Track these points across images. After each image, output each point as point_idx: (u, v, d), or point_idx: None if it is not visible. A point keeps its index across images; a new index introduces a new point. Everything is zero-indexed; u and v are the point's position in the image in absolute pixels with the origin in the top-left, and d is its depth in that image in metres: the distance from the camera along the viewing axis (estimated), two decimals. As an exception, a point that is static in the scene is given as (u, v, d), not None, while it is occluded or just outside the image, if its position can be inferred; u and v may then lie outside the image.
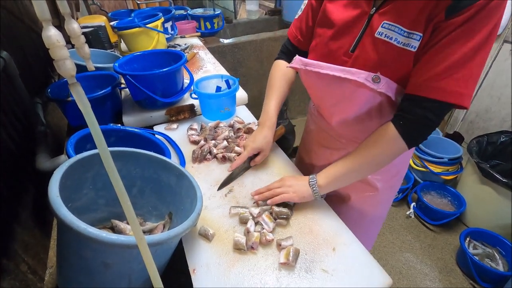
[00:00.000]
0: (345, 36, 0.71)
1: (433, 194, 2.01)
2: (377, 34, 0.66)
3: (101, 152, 0.28)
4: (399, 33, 0.63)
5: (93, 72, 1.19)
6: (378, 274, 0.64)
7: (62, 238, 0.55)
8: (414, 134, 0.65)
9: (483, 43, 0.55)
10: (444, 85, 0.58)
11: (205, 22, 2.35)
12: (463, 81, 0.58)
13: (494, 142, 1.81)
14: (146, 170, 0.72)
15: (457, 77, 0.57)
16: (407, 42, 0.62)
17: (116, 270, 0.54)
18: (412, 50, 0.62)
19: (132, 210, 0.31)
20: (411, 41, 0.62)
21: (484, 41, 0.55)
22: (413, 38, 0.61)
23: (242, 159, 0.87)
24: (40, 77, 1.36)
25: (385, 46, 0.65)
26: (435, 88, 0.59)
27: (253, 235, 0.68)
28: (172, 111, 1.16)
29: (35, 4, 0.23)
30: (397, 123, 0.65)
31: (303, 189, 0.76)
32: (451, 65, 0.57)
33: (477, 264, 1.53)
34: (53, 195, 0.48)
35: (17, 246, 0.70)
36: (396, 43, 0.63)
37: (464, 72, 0.57)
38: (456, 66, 0.57)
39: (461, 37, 0.56)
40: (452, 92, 0.58)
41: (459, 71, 0.57)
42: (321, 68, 0.72)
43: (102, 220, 0.70)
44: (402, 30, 0.62)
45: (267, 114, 0.89)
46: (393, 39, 0.64)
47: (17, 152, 0.86)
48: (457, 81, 0.58)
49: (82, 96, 0.26)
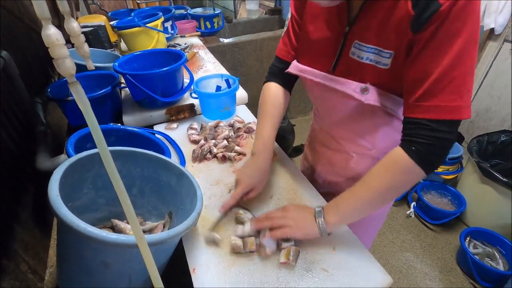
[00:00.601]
0: (325, 56, 0.72)
1: (433, 194, 2.01)
2: (350, 54, 0.66)
3: (101, 151, 0.28)
4: (369, 51, 0.63)
5: (93, 71, 1.19)
6: (378, 273, 0.64)
7: (62, 238, 0.55)
8: (432, 158, 0.57)
9: (463, 48, 0.52)
10: (438, 102, 0.54)
11: (205, 21, 2.35)
12: (455, 93, 0.54)
13: (494, 142, 1.81)
14: (146, 169, 0.72)
15: (448, 90, 0.53)
16: (378, 60, 0.62)
17: (116, 269, 0.54)
18: (384, 67, 0.61)
19: (132, 210, 0.31)
20: (382, 59, 0.61)
21: (464, 46, 0.51)
22: (382, 56, 0.61)
23: (235, 199, 0.75)
24: (40, 77, 1.36)
25: (359, 66, 0.65)
26: (429, 107, 0.55)
27: (248, 242, 0.67)
28: (172, 110, 1.16)
29: (35, 3, 0.23)
30: (409, 149, 0.58)
31: (308, 225, 0.67)
32: (437, 79, 0.54)
33: (477, 263, 1.53)
34: (53, 195, 0.48)
35: (17, 246, 0.70)
36: (368, 61, 0.63)
37: (453, 83, 0.53)
38: (441, 80, 0.53)
39: (437, 48, 0.53)
40: (447, 107, 0.54)
41: (447, 84, 0.53)
42: (314, 76, 0.73)
43: (102, 220, 0.70)
44: (370, 49, 0.62)
45: (263, 142, 0.81)
46: (364, 58, 0.64)
47: (17, 152, 0.86)
48: (450, 94, 0.54)
49: (82, 95, 0.26)
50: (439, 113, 0.55)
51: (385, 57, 0.61)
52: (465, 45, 0.51)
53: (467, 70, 0.53)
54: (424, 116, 0.56)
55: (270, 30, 2.71)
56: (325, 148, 0.94)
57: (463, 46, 0.51)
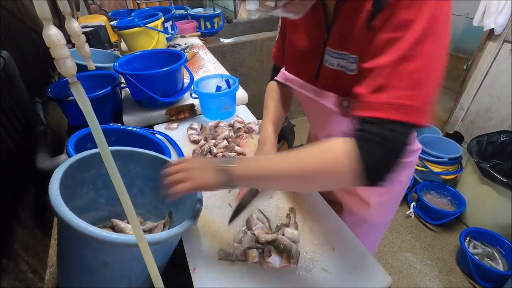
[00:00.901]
0: (308, 65, 0.71)
1: (433, 194, 2.01)
2: (325, 62, 0.65)
3: (102, 151, 0.28)
4: (336, 57, 0.62)
5: (93, 71, 1.19)
6: (378, 273, 0.64)
7: (63, 237, 0.56)
8: (372, 158, 0.47)
9: (418, 40, 0.45)
10: (386, 98, 0.46)
11: (205, 21, 2.35)
12: (407, 90, 0.46)
13: (494, 142, 1.81)
14: (146, 169, 0.73)
15: (398, 86, 0.46)
16: (346, 66, 0.60)
17: (116, 269, 0.54)
18: (351, 73, 0.59)
19: (132, 209, 0.31)
20: (348, 64, 0.59)
21: (419, 38, 0.45)
22: (349, 61, 0.59)
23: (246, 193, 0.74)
24: (40, 76, 1.36)
25: (333, 73, 0.64)
26: (375, 104, 0.48)
27: (250, 254, 0.65)
28: (172, 110, 1.16)
29: (36, 3, 0.23)
30: (350, 142, 0.49)
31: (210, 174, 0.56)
32: (385, 72, 0.47)
33: (477, 263, 1.53)
34: (53, 194, 0.48)
35: (17, 245, 0.70)
36: (339, 68, 0.62)
37: (406, 79, 0.46)
38: (391, 74, 0.46)
39: (387, 39, 0.47)
40: (394, 105, 0.46)
41: (397, 79, 0.46)
42: (298, 86, 0.73)
43: (103, 219, 0.70)
44: (337, 54, 0.61)
45: (266, 132, 0.84)
46: (335, 65, 0.63)
47: (17, 151, 0.86)
48: (399, 90, 0.46)
49: (82, 95, 0.26)
50: (384, 111, 0.47)
51: (351, 62, 0.59)
52: (420, 37, 0.45)
53: (424, 65, 0.46)
54: (368, 114, 0.48)
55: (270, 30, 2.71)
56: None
57: (417, 38, 0.45)
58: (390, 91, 0.46)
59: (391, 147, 0.47)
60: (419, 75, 0.46)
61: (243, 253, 0.66)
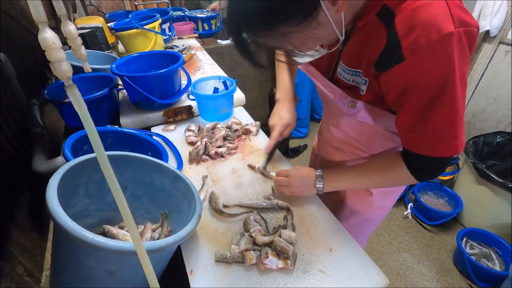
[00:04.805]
0: (325, 67, 0.74)
1: (430, 195, 2.02)
2: (337, 74, 0.70)
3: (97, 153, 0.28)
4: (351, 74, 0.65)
5: (90, 73, 1.19)
6: (375, 274, 0.64)
7: (62, 248, 0.53)
8: (427, 175, 0.63)
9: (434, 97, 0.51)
10: (428, 137, 0.57)
11: (202, 23, 2.35)
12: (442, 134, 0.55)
13: (490, 143, 1.83)
14: (138, 173, 0.71)
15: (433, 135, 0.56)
16: (359, 81, 0.64)
17: (121, 276, 0.53)
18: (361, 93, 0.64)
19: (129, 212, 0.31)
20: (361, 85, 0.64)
21: (436, 93, 0.51)
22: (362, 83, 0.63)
23: (275, 139, 0.89)
24: (37, 78, 1.35)
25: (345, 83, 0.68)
26: (420, 143, 0.58)
27: (247, 256, 0.65)
28: (169, 112, 1.16)
29: (31, 6, 0.23)
30: (406, 160, 0.63)
31: (307, 191, 0.78)
32: (415, 127, 0.56)
33: (474, 264, 1.54)
34: (53, 206, 0.46)
35: (13, 248, 0.70)
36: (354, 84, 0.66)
37: (437, 128, 0.54)
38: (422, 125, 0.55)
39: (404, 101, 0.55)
40: (434, 146, 0.57)
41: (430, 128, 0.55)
42: (316, 79, 0.76)
43: (93, 226, 0.69)
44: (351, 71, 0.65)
45: (284, 87, 0.90)
46: (350, 81, 0.67)
47: (13, 153, 0.86)
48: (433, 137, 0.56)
49: (78, 98, 0.26)
50: (429, 151, 0.58)
51: (363, 84, 0.63)
52: (436, 93, 0.51)
53: (449, 111, 0.52)
54: (417, 151, 0.59)
55: (267, 31, 2.71)
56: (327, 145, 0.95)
57: (432, 95, 0.51)
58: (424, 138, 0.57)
59: (439, 171, 0.62)
60: (443, 122, 0.54)
61: (241, 255, 0.66)
